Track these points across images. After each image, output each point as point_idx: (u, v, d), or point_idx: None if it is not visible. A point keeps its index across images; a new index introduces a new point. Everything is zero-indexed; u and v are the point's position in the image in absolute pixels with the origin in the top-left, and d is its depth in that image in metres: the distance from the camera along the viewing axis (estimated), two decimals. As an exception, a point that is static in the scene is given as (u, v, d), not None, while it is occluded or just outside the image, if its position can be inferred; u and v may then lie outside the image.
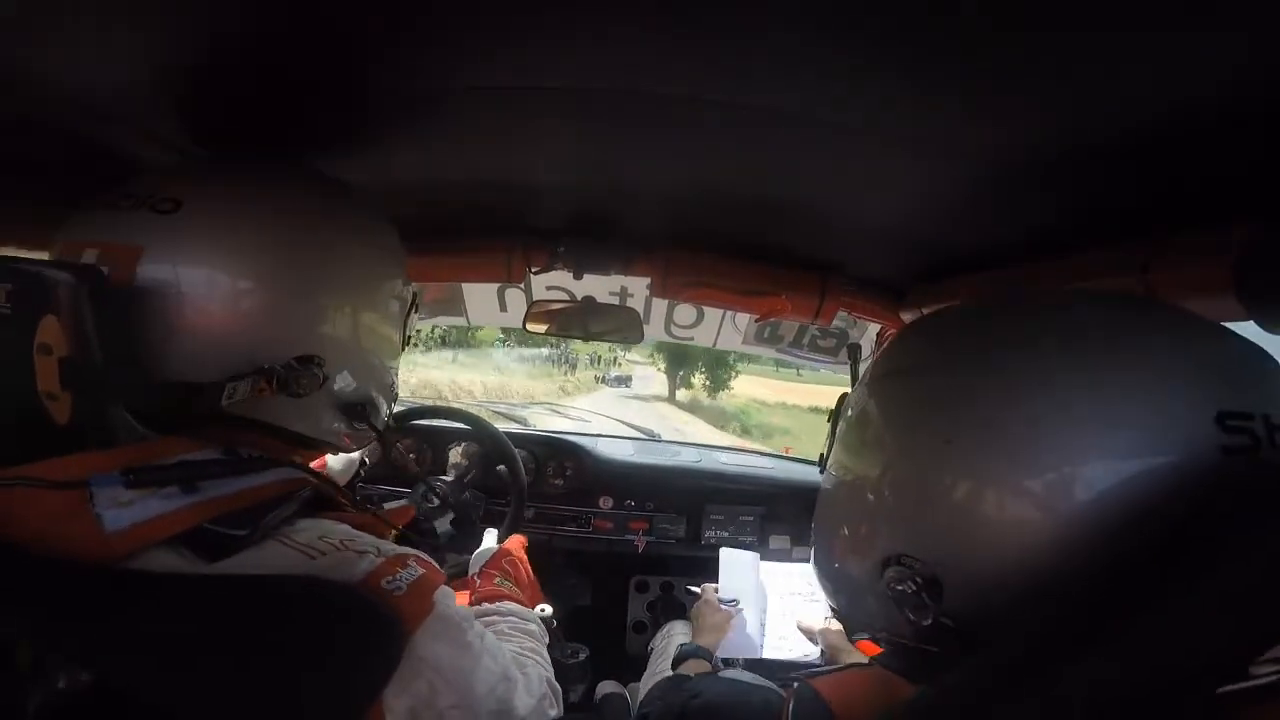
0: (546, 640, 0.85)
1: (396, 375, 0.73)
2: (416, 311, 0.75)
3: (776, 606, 1.15)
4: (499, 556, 1.00)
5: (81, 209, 0.56)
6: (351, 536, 0.52)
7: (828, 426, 0.58)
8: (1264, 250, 0.50)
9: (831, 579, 0.55)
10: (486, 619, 0.83)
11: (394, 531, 0.59)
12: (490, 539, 1.08)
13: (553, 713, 0.69)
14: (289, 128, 0.69)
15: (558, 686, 0.74)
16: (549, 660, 0.79)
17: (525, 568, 1.03)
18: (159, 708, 0.37)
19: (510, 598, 0.89)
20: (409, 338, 0.75)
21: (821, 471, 0.57)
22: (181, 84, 0.60)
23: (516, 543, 1.08)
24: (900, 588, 0.44)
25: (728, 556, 1.21)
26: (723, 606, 1.10)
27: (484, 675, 0.55)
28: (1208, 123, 0.46)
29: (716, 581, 1.20)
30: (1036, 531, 0.39)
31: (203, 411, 0.52)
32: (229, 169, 0.62)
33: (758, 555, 1.23)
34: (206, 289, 0.54)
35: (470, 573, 0.98)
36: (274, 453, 0.55)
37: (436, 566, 0.55)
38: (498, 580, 0.95)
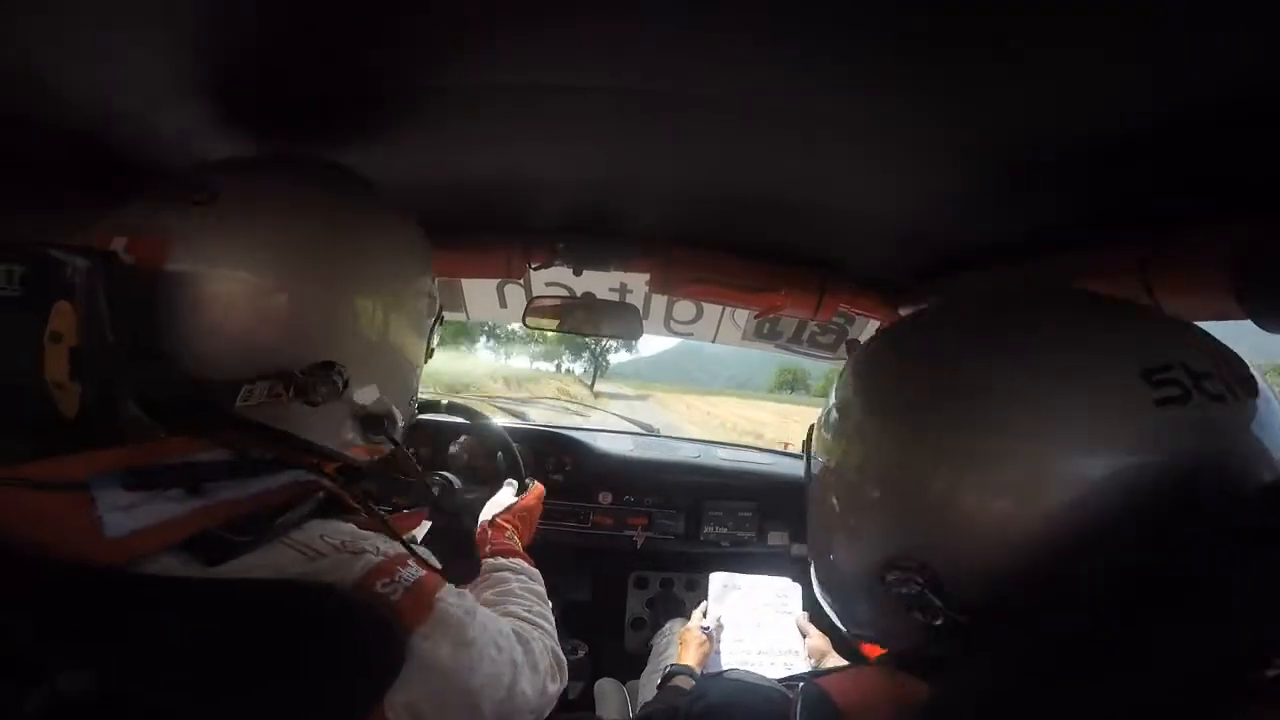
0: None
1: (418, 387, 0.70)
2: (440, 323, 0.72)
3: (749, 619, 1.17)
4: (512, 510, 0.99)
5: (113, 206, 0.55)
6: (354, 536, 0.51)
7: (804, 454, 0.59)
8: (1263, 250, 0.50)
9: (828, 585, 0.55)
10: (499, 574, 0.82)
11: (408, 535, 0.57)
12: (508, 493, 1.07)
13: (554, 687, 0.68)
14: (289, 127, 0.69)
15: (561, 656, 0.72)
16: (553, 624, 0.78)
17: (534, 525, 1.03)
18: (159, 712, 0.37)
19: (521, 554, 0.89)
20: (432, 350, 0.72)
21: (806, 476, 0.58)
22: (180, 85, 0.60)
23: (534, 496, 1.06)
24: (904, 590, 0.44)
25: (717, 580, 1.23)
26: (703, 630, 1.11)
27: (488, 668, 0.55)
28: (1208, 122, 0.46)
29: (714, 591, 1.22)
30: (1017, 522, 0.40)
31: (215, 411, 0.50)
32: (266, 165, 0.61)
33: (747, 577, 1.24)
34: (234, 284, 0.52)
35: (481, 518, 0.97)
36: (285, 458, 0.53)
37: (436, 566, 0.54)
38: (509, 534, 0.93)
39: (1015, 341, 0.45)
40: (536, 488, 1.09)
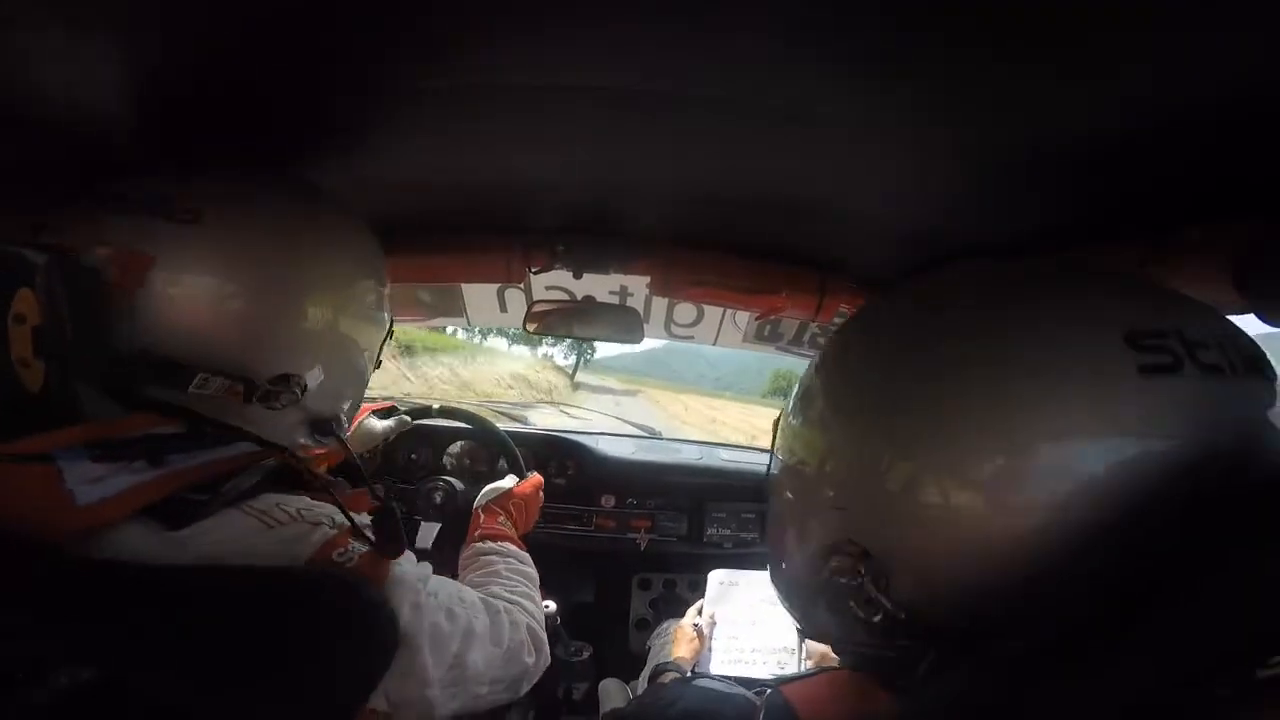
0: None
1: (362, 397, 0.74)
2: (390, 338, 0.76)
3: (745, 616, 1.16)
4: (506, 497, 1.00)
5: (85, 203, 0.56)
6: (308, 506, 0.53)
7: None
8: (1264, 249, 0.50)
9: (784, 583, 0.54)
10: (485, 557, 0.84)
11: (362, 511, 0.58)
12: (508, 481, 1.08)
13: (529, 660, 0.69)
14: (289, 126, 0.69)
15: (541, 635, 0.74)
16: (540, 606, 0.80)
17: (532, 514, 1.04)
18: (153, 700, 0.38)
19: (511, 539, 0.90)
20: (379, 362, 0.76)
21: (767, 475, 0.57)
22: (174, 84, 0.60)
23: (531, 485, 1.08)
24: (844, 579, 0.42)
25: (716, 577, 1.22)
26: (695, 627, 1.11)
27: (432, 634, 0.56)
28: (1207, 121, 0.46)
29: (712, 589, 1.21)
30: (979, 515, 0.37)
31: (171, 396, 0.53)
32: (239, 178, 0.62)
33: (746, 574, 1.23)
34: (209, 300, 0.54)
35: (476, 504, 0.98)
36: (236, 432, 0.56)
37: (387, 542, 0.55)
38: (501, 520, 0.95)
39: (978, 319, 0.41)
40: (534, 477, 1.10)
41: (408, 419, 1.18)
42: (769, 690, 0.49)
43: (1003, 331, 0.39)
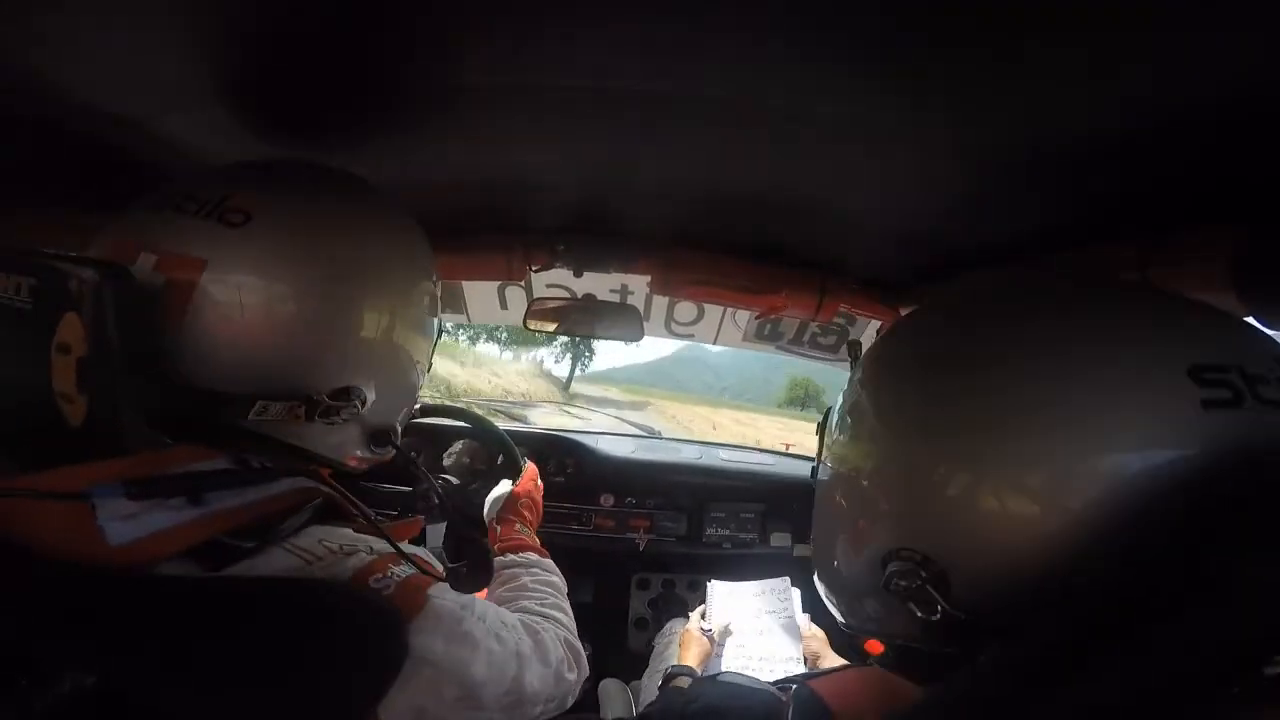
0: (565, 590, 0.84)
1: (418, 396, 0.71)
2: (440, 337, 0.73)
3: (751, 625, 1.17)
4: (512, 501, 0.97)
5: (133, 208, 0.54)
6: (351, 540, 0.51)
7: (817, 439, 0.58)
8: (1264, 249, 0.50)
9: (832, 581, 0.55)
10: (510, 570, 0.82)
11: (404, 541, 0.57)
12: (504, 486, 1.07)
13: (571, 676, 0.68)
14: (292, 130, 0.69)
15: (578, 646, 0.73)
16: (570, 613, 0.78)
17: (539, 506, 1.02)
18: (162, 710, 0.37)
19: (531, 547, 0.88)
20: (430, 365, 0.73)
21: (813, 478, 0.57)
22: (186, 88, 0.60)
23: (528, 479, 1.05)
24: (904, 583, 0.43)
25: (715, 589, 1.23)
26: (704, 634, 1.12)
27: (487, 660, 0.54)
28: (1207, 121, 0.46)
29: (710, 601, 1.22)
30: (1037, 523, 0.38)
31: (223, 423, 0.50)
32: (289, 179, 0.59)
33: (746, 585, 1.24)
34: (262, 307, 0.51)
35: (486, 516, 0.96)
36: (284, 464, 0.53)
37: (432, 566, 0.54)
38: (519, 528, 0.92)
39: (1042, 334, 0.42)
40: (529, 469, 1.07)
41: None
42: (795, 685, 0.50)
43: (1066, 351, 0.40)
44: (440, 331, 0.72)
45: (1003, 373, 0.42)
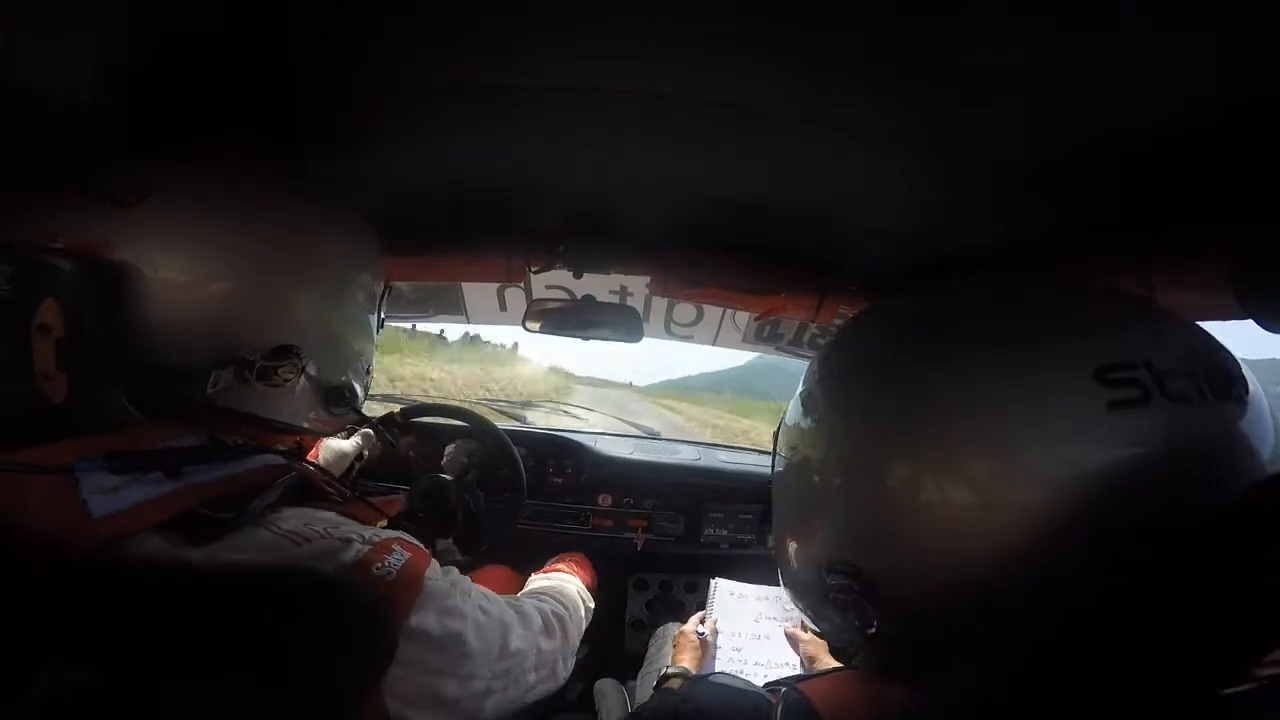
0: (588, 608, 0.90)
1: (372, 360, 0.75)
2: (389, 293, 0.77)
3: (751, 630, 1.16)
4: (556, 561, 1.10)
5: (50, 197, 0.56)
6: (336, 523, 0.53)
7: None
8: (1263, 250, 0.50)
9: (792, 586, 0.55)
10: (536, 584, 0.90)
11: (382, 521, 0.60)
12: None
13: (547, 645, 0.71)
14: (289, 126, 0.69)
15: (564, 615, 0.76)
16: (573, 606, 0.82)
17: (587, 565, 1.14)
18: (158, 700, 0.37)
19: (569, 571, 0.98)
20: (383, 320, 0.77)
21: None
22: (167, 73, 0.59)
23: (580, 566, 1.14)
24: (842, 596, 0.44)
25: (718, 587, 1.22)
26: (699, 635, 1.12)
27: (476, 632, 0.57)
28: (1207, 124, 0.46)
29: (714, 598, 1.22)
30: (957, 534, 0.38)
31: (191, 399, 0.53)
32: (194, 160, 0.62)
33: (751, 587, 1.24)
34: (173, 279, 0.55)
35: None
36: (257, 440, 0.57)
37: (421, 547, 0.56)
38: (561, 568, 1.02)
39: (947, 349, 0.42)
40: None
41: (372, 435, 1.20)
42: (785, 688, 0.50)
43: (970, 365, 0.40)
44: (388, 286, 0.76)
45: (912, 386, 0.42)
